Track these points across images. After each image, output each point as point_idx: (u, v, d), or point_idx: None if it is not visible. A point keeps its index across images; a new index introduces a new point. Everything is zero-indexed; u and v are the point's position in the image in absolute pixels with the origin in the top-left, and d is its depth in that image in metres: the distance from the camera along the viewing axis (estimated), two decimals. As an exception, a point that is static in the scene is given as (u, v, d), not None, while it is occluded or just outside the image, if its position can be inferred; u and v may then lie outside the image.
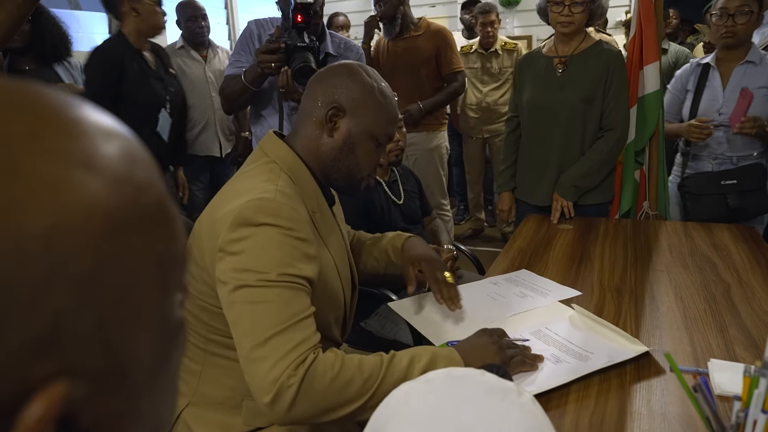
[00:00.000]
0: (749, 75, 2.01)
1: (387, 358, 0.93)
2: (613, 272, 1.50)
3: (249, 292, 0.88)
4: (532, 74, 2.06)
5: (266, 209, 0.91)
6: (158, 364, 0.30)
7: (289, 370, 0.84)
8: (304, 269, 0.93)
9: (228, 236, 0.91)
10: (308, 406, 0.85)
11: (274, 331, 0.86)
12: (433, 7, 5.55)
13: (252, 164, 1.06)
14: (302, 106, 1.09)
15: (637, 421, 0.87)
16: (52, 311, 0.23)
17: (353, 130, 1.04)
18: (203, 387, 1.03)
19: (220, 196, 1.02)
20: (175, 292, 0.31)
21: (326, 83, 1.06)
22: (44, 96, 0.27)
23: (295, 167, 1.04)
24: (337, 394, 0.87)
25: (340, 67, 1.09)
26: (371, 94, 1.05)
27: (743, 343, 1.10)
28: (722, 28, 1.98)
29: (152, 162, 0.30)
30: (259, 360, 0.85)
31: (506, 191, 2.20)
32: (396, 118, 1.11)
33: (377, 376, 0.89)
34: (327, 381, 0.86)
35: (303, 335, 0.88)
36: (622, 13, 4.54)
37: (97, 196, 0.25)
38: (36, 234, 0.23)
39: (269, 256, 0.89)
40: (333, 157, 1.05)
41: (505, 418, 0.71)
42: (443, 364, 0.95)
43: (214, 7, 4.71)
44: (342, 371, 0.88)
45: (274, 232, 0.91)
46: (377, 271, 1.36)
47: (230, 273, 0.90)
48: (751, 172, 2.02)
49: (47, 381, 0.24)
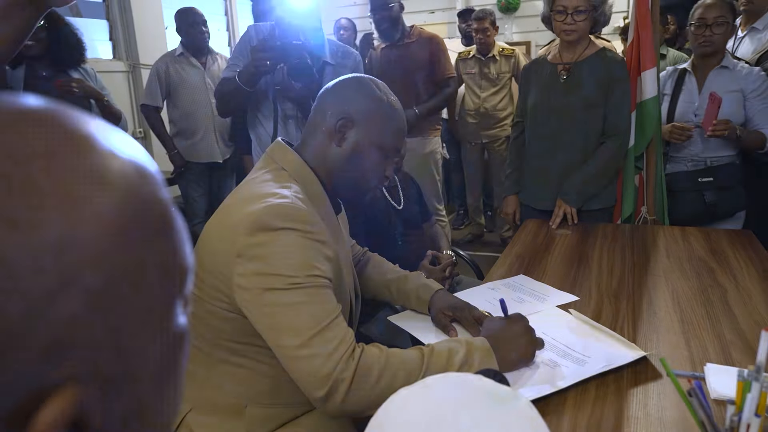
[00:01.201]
0: (723, 79, 2.11)
1: (427, 351, 0.96)
2: (611, 277, 1.50)
3: (281, 295, 0.90)
4: (537, 80, 2.09)
5: (285, 214, 0.93)
6: (164, 369, 0.31)
7: (341, 364, 0.88)
8: (326, 270, 0.95)
9: (247, 241, 0.91)
10: (360, 398, 0.89)
11: (318, 329, 0.89)
12: (432, 13, 5.59)
13: (261, 171, 1.07)
14: (312, 117, 1.11)
15: (634, 425, 0.88)
16: (65, 319, 0.25)
17: (362, 141, 1.06)
18: (207, 392, 1.03)
19: (232, 201, 1.03)
20: (180, 300, 0.32)
21: (337, 95, 1.08)
22: (58, 113, 0.28)
23: (303, 175, 1.05)
24: (385, 387, 0.90)
25: (351, 79, 1.11)
26: (381, 107, 1.07)
27: (740, 347, 1.10)
28: (700, 37, 2.09)
29: (157, 176, 0.31)
30: (309, 357, 0.88)
31: (511, 195, 2.22)
32: (404, 131, 1.13)
33: (420, 369, 0.93)
34: (376, 374, 0.90)
35: (343, 330, 0.91)
36: (620, 19, 4.56)
37: (108, 210, 0.27)
38: (51, 245, 0.24)
39: (293, 259, 0.91)
40: (340, 167, 1.07)
41: (503, 422, 0.72)
42: (479, 355, 0.99)
43: (214, 14, 4.74)
44: (388, 364, 0.91)
45: (294, 235, 0.92)
46: (386, 300, 1.38)
47: (254, 278, 0.91)
48: (726, 170, 2.12)
49: (60, 385, 0.25)
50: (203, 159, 3.14)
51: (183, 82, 3.06)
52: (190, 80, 3.07)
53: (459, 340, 1.01)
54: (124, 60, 3.86)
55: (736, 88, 2.08)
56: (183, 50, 3.09)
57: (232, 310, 0.96)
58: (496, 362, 0.99)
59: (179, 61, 3.08)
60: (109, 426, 0.28)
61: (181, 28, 3.07)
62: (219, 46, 4.60)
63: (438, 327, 1.24)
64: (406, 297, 1.31)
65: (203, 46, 3.12)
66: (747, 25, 2.63)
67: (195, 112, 3.09)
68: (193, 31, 3.05)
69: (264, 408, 1.02)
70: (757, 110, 2.06)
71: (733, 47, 2.64)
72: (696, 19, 2.08)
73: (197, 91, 3.07)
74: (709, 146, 2.13)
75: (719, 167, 2.13)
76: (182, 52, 3.09)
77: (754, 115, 2.07)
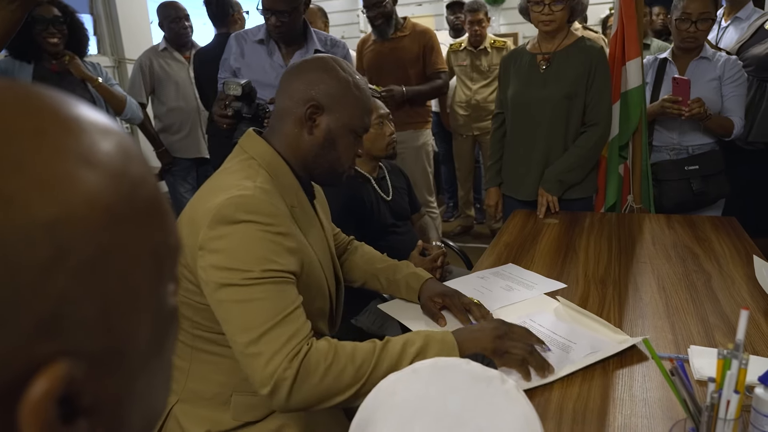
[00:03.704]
0: (702, 69, 2.14)
1: (380, 344, 0.95)
2: (598, 264, 1.53)
3: (236, 291, 0.90)
4: (516, 71, 2.09)
5: (245, 206, 0.92)
6: (153, 349, 0.32)
7: (284, 363, 0.87)
8: (287, 263, 0.94)
9: (208, 234, 0.92)
10: (305, 395, 0.89)
11: (267, 327, 0.89)
12: (420, 5, 5.58)
13: (231, 161, 1.07)
14: (278, 102, 1.09)
15: (620, 406, 0.90)
16: (56, 295, 0.25)
17: (333, 126, 1.05)
18: (192, 383, 1.04)
19: (199, 194, 1.03)
20: (168, 281, 0.33)
21: (302, 79, 1.05)
22: (46, 96, 0.29)
23: (274, 163, 1.04)
24: (331, 383, 0.90)
25: (315, 62, 1.08)
26: (348, 89, 1.06)
27: (722, 330, 1.13)
28: (684, 32, 2.09)
29: (144, 158, 0.32)
30: (255, 356, 0.88)
31: (493, 186, 2.23)
32: (371, 108, 1.12)
33: (370, 363, 0.92)
34: (321, 371, 0.89)
35: (295, 327, 0.91)
36: (606, 9, 4.58)
37: (97, 190, 0.27)
38: (42, 223, 0.25)
39: (251, 253, 0.91)
40: (314, 153, 1.06)
41: (491, 405, 0.73)
42: (436, 347, 0.97)
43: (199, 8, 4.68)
44: (335, 360, 0.91)
45: (253, 228, 0.92)
46: (376, 290, 1.38)
47: (213, 271, 0.91)
48: (710, 158, 2.15)
49: (51, 360, 0.25)
50: (190, 154, 3.13)
51: (168, 77, 3.04)
52: (175, 75, 3.05)
53: (419, 333, 0.99)
54: (109, 55, 3.82)
55: (714, 76, 2.11)
56: (166, 45, 3.06)
57: (204, 301, 0.96)
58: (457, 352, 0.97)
59: (163, 56, 3.05)
60: (101, 406, 0.28)
61: (164, 23, 3.04)
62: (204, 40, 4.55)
63: (427, 315, 1.25)
64: (396, 286, 1.32)
65: (187, 41, 3.09)
66: (730, 14, 2.66)
67: (180, 107, 3.06)
68: (175, 26, 3.02)
69: (249, 396, 1.02)
70: (729, 96, 2.10)
71: (717, 37, 2.67)
72: (681, 13, 2.08)
73: (182, 87, 3.05)
74: (686, 132, 2.16)
75: (702, 155, 2.16)
76: (165, 47, 3.06)
77: (725, 101, 2.10)
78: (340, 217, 1.65)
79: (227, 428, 1.02)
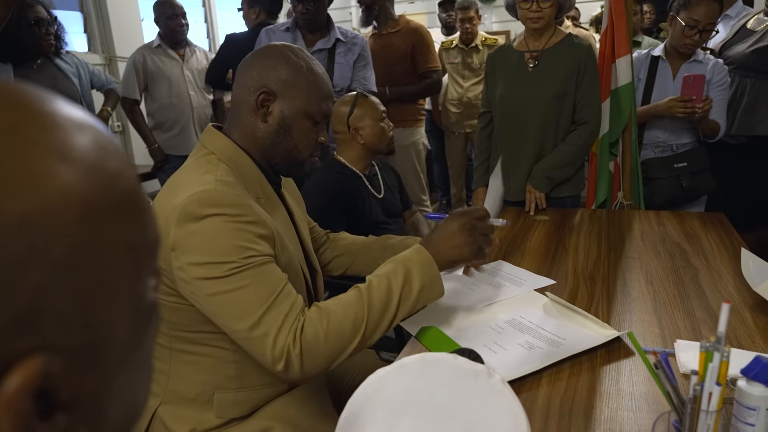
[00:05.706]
0: (694, 71, 2.15)
1: (365, 288, 0.99)
2: (587, 260, 1.54)
3: (222, 282, 0.90)
4: (504, 70, 2.06)
5: (208, 200, 0.92)
6: (133, 344, 0.32)
7: (290, 338, 0.90)
8: (263, 248, 0.95)
9: (177, 233, 0.91)
10: (316, 361, 0.92)
11: (264, 308, 0.90)
12: (412, 3, 5.58)
13: (192, 158, 1.07)
14: (234, 93, 1.08)
15: (606, 400, 0.91)
16: (31, 289, 0.25)
17: (286, 112, 1.04)
18: (173, 385, 1.03)
19: (162, 193, 1.02)
20: (148, 276, 0.33)
21: (253, 68, 1.05)
22: (21, 91, 0.29)
23: (234, 156, 1.04)
24: (335, 342, 0.93)
25: (266, 50, 1.08)
26: (300, 74, 1.05)
27: (709, 324, 1.14)
28: (688, 39, 2.08)
29: (123, 153, 0.32)
30: (261, 337, 0.90)
31: (481, 187, 2.22)
32: (330, 94, 1.11)
33: (363, 310, 0.95)
34: (322, 338, 0.92)
35: (289, 302, 0.93)
36: (597, 7, 4.59)
37: (73, 185, 0.27)
38: (17, 218, 0.25)
39: (226, 244, 0.91)
40: (271, 141, 1.05)
41: (478, 399, 0.74)
42: (419, 271, 1.01)
43: (192, 5, 4.67)
44: (330, 323, 0.93)
45: (221, 221, 0.91)
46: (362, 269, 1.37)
47: (192, 268, 0.90)
48: (696, 155, 2.19)
49: (26, 355, 0.25)
50: (183, 151, 3.11)
51: (161, 74, 3.03)
52: (169, 72, 3.04)
53: (395, 260, 1.03)
54: (99, 53, 3.79)
55: (706, 78, 2.13)
56: (160, 42, 3.05)
57: (180, 301, 0.96)
58: (437, 268, 1.02)
59: (157, 53, 3.05)
60: (80, 401, 0.28)
61: (160, 19, 3.03)
62: (197, 38, 4.55)
63: None
64: (393, 250, 1.29)
65: (182, 39, 3.08)
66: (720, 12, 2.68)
67: (174, 104, 3.05)
68: (172, 23, 3.01)
69: (232, 393, 1.03)
70: (715, 100, 2.12)
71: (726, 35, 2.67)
72: (688, 18, 2.05)
73: (176, 84, 3.04)
74: (671, 130, 2.19)
75: (688, 152, 2.18)
76: (159, 43, 3.05)
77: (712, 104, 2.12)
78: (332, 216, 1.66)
79: (212, 426, 1.03)
